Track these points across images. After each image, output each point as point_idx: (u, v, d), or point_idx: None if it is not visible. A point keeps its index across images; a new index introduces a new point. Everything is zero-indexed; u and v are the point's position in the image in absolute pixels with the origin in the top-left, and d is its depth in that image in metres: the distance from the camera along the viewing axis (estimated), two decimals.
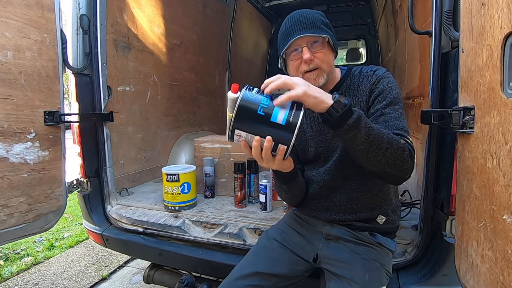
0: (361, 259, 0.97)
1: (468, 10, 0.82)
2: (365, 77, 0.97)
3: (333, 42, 0.94)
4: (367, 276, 0.92)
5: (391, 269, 1.02)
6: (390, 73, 0.97)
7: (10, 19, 1.22)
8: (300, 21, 0.92)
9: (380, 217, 1.01)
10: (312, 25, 0.91)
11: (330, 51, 0.95)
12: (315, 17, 0.93)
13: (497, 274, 0.68)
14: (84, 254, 2.71)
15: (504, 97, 0.66)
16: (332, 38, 0.94)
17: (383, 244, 1.00)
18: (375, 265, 0.96)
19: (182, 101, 2.58)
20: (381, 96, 0.92)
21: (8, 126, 1.24)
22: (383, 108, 0.90)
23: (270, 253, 1.06)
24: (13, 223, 1.28)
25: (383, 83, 0.93)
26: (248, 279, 0.99)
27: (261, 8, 3.80)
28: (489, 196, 0.72)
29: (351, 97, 0.98)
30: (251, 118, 0.72)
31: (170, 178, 1.59)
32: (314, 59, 0.91)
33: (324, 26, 0.93)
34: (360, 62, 4.28)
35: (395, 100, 0.91)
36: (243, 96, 0.73)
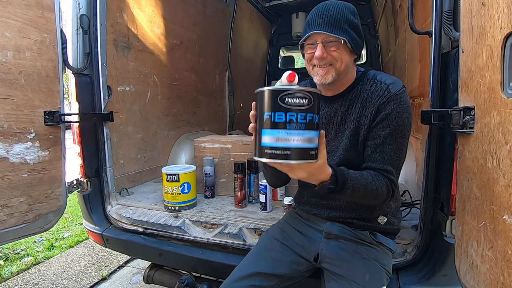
0: (361, 258, 0.97)
1: (468, 10, 0.82)
2: (377, 89, 0.92)
3: (353, 44, 0.89)
4: (367, 276, 0.92)
5: (391, 269, 1.02)
6: (405, 90, 0.91)
7: (10, 19, 1.22)
8: (322, 15, 0.87)
9: (382, 217, 1.01)
10: (333, 22, 0.86)
11: (347, 52, 0.90)
12: (340, 13, 0.87)
13: (497, 274, 0.68)
14: (84, 254, 2.71)
15: (504, 97, 0.66)
16: (353, 40, 0.88)
17: (383, 243, 1.00)
18: (375, 265, 0.96)
19: (182, 101, 2.58)
20: (386, 121, 0.89)
21: (8, 126, 1.24)
22: (385, 137, 0.89)
23: (271, 253, 1.06)
24: (13, 223, 1.28)
25: (393, 105, 0.88)
26: (249, 279, 0.99)
27: (261, 8, 3.80)
28: (489, 196, 0.72)
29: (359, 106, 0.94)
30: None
31: (170, 178, 1.59)
32: (327, 56, 0.89)
33: (347, 26, 0.87)
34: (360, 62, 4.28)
35: (399, 128, 0.89)
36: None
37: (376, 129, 0.91)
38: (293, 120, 0.66)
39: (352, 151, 0.96)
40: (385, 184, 0.87)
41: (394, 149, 0.89)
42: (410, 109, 0.90)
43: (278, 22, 4.32)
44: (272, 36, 4.37)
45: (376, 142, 0.90)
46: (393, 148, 0.89)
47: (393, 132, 0.88)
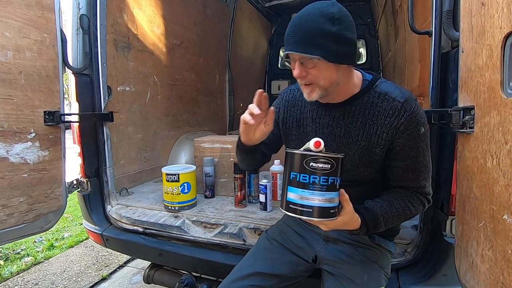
0: (360, 260, 0.97)
1: (468, 10, 0.82)
2: (390, 107, 0.83)
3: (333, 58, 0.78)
4: (366, 277, 0.92)
5: (390, 271, 1.02)
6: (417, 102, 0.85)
7: (10, 19, 1.22)
8: (295, 31, 0.79)
9: None
10: (305, 40, 0.77)
11: (329, 67, 0.79)
12: (314, 27, 0.76)
13: (497, 274, 0.68)
14: (84, 254, 2.71)
15: (504, 97, 0.66)
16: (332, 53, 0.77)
17: (382, 245, 1.00)
18: (374, 266, 0.96)
19: (182, 101, 2.58)
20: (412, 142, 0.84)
21: (8, 126, 1.24)
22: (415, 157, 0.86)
23: (270, 254, 1.06)
24: (13, 223, 1.28)
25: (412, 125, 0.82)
26: (248, 279, 0.99)
27: (261, 8, 3.80)
28: (489, 196, 0.72)
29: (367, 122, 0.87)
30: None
31: (170, 178, 1.59)
32: (306, 75, 0.81)
33: (322, 40, 0.76)
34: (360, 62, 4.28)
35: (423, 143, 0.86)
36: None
37: (403, 152, 0.86)
38: (316, 182, 0.73)
39: (363, 168, 0.91)
40: (418, 202, 0.89)
41: (425, 163, 0.88)
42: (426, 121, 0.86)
43: (278, 22, 4.32)
44: (272, 36, 4.37)
45: (407, 163, 0.87)
46: (424, 163, 0.87)
47: (420, 151, 0.86)
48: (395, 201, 0.87)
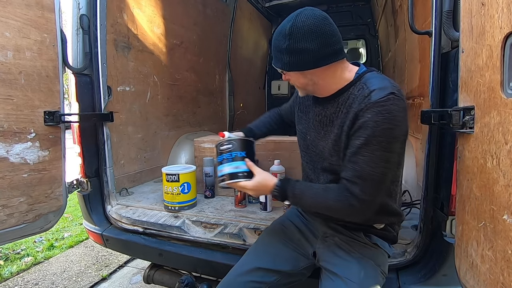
0: (356, 257, 0.97)
1: (468, 10, 0.82)
2: (361, 95, 0.86)
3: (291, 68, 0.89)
4: (362, 273, 0.93)
5: (387, 270, 1.02)
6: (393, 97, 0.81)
7: (10, 19, 1.22)
8: (272, 48, 0.96)
9: (378, 224, 1.01)
10: (275, 55, 0.93)
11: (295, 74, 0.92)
12: (277, 44, 0.91)
13: (497, 274, 0.68)
14: (84, 254, 2.71)
15: (504, 97, 0.66)
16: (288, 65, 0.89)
17: (378, 244, 1.00)
18: (370, 263, 0.96)
19: (182, 101, 2.58)
20: (362, 130, 0.83)
21: (8, 126, 1.24)
22: (359, 147, 0.83)
23: (271, 249, 1.07)
24: (13, 223, 1.28)
25: (371, 114, 0.81)
26: (250, 275, 1.00)
27: (261, 8, 3.80)
28: (489, 196, 0.72)
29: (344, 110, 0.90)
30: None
31: (170, 178, 1.59)
32: (289, 79, 0.97)
33: (281, 55, 0.89)
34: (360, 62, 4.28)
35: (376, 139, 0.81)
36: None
37: (353, 138, 0.86)
38: (225, 158, 1.07)
39: (335, 157, 0.94)
40: (340, 196, 0.86)
41: (367, 161, 0.82)
42: (396, 119, 0.80)
43: (278, 22, 4.31)
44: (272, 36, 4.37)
45: (350, 151, 0.86)
46: (366, 160, 0.82)
47: (368, 143, 0.81)
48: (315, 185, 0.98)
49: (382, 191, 0.88)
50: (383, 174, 0.83)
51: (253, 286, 0.99)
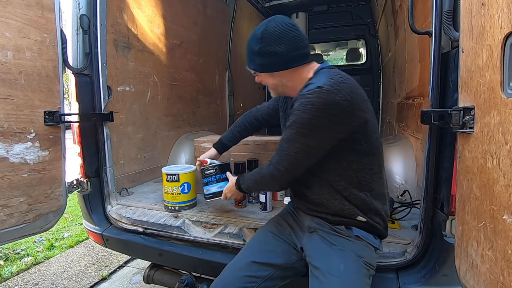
0: (337, 250, 0.98)
1: (468, 10, 0.82)
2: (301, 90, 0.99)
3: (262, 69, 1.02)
4: (341, 266, 0.94)
5: (375, 262, 1.01)
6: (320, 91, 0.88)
7: (10, 19, 1.22)
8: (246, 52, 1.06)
9: (360, 218, 1.01)
10: (249, 58, 1.05)
11: (266, 76, 1.04)
12: (248, 49, 1.03)
13: (497, 274, 0.68)
14: (84, 254, 2.71)
15: (504, 97, 0.66)
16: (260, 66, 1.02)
17: (360, 236, 1.00)
18: (351, 256, 0.97)
19: (182, 101, 2.58)
20: (290, 116, 0.96)
21: (8, 126, 1.24)
22: (285, 129, 0.98)
23: (265, 245, 1.10)
24: (13, 223, 1.28)
25: (297, 104, 0.93)
26: (244, 269, 1.03)
27: (261, 8, 3.80)
28: (489, 196, 0.72)
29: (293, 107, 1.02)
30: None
31: (170, 178, 1.59)
32: (260, 80, 1.09)
33: (253, 57, 1.02)
34: (360, 62, 4.28)
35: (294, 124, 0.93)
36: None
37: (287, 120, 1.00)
38: (210, 180, 1.45)
39: None
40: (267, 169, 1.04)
41: (286, 139, 0.96)
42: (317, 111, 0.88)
43: None
44: None
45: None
46: (285, 139, 0.97)
47: (290, 126, 0.94)
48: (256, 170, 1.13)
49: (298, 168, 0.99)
50: (297, 153, 0.95)
51: (248, 281, 1.02)
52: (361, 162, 0.98)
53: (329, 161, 0.98)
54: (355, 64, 4.27)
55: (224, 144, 1.51)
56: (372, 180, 1.01)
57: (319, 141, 0.93)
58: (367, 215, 1.01)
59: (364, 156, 0.98)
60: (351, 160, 0.97)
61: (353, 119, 0.92)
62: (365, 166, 0.99)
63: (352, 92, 0.91)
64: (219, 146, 1.51)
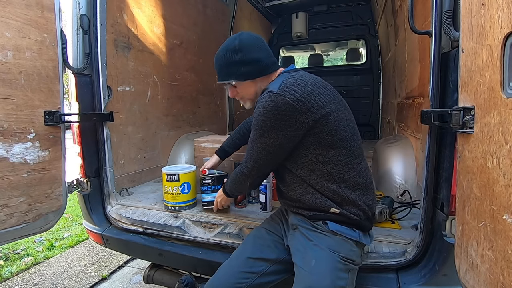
0: (312, 245, 0.99)
1: (468, 10, 0.82)
2: None
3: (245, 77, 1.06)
4: (313, 261, 0.95)
5: (357, 258, 1.00)
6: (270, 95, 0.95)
7: (10, 19, 1.22)
8: (216, 67, 1.11)
9: (333, 209, 1.00)
10: (220, 72, 1.10)
11: (246, 84, 1.09)
12: (223, 60, 1.07)
13: (497, 274, 0.68)
14: (84, 254, 2.71)
15: (504, 97, 0.66)
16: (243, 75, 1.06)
17: (335, 231, 1.00)
18: (325, 250, 0.97)
19: (182, 101, 2.58)
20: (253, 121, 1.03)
21: (8, 126, 1.24)
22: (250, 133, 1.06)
23: (258, 240, 1.15)
24: (13, 223, 1.28)
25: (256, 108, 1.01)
26: (239, 265, 1.06)
27: (261, 8, 3.80)
28: (489, 196, 0.72)
29: None
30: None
31: (170, 178, 1.59)
32: (236, 94, 1.13)
33: (230, 68, 1.06)
34: (360, 62, 4.28)
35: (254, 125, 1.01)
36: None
37: None
38: (206, 189, 1.56)
39: None
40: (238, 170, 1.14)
41: (249, 140, 1.06)
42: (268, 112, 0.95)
43: (278, 22, 4.32)
44: (272, 36, 4.37)
45: None
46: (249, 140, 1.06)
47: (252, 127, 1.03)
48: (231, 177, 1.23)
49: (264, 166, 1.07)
50: (258, 152, 1.03)
51: (243, 277, 1.04)
52: (327, 155, 0.99)
53: (298, 157, 1.02)
54: (355, 64, 4.27)
55: (226, 151, 1.59)
56: (344, 171, 1.00)
57: (276, 139, 0.98)
58: (342, 207, 1.00)
59: (330, 149, 0.99)
60: (317, 153, 0.99)
61: (309, 116, 0.95)
62: (333, 158, 0.99)
63: (306, 91, 0.96)
64: (221, 152, 1.59)
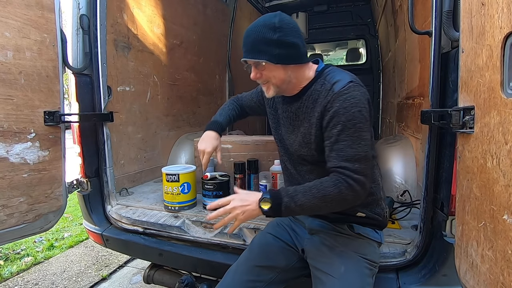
0: (339, 251, 0.98)
1: (468, 10, 0.82)
2: (324, 89, 0.95)
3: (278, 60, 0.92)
4: (342, 268, 0.93)
5: (378, 259, 1.02)
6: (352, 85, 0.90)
7: (10, 19, 1.22)
8: (245, 41, 0.97)
9: (360, 213, 1.01)
10: (252, 48, 0.95)
11: (277, 68, 0.95)
12: (258, 36, 0.93)
13: (497, 274, 0.68)
14: (84, 254, 2.71)
15: (504, 97, 0.66)
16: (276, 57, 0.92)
17: (361, 233, 1.01)
18: (353, 256, 0.97)
19: (182, 101, 2.58)
20: (335, 119, 0.90)
21: (8, 126, 1.24)
22: (338, 134, 0.90)
23: (265, 247, 1.10)
24: (13, 223, 1.28)
25: (338, 103, 0.89)
26: (247, 274, 1.02)
27: (261, 8, 3.80)
28: (489, 196, 0.72)
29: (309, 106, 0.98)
30: None
31: (170, 178, 1.59)
32: (260, 76, 0.99)
33: (265, 47, 0.92)
34: (360, 62, 4.28)
35: (350, 123, 0.88)
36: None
37: (328, 129, 0.92)
38: (207, 194, 1.57)
39: (305, 148, 1.01)
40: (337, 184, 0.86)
41: (350, 144, 0.88)
42: (360, 102, 0.89)
43: None
44: None
45: (331, 140, 0.92)
46: (348, 144, 0.88)
47: (344, 128, 0.88)
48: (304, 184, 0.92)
49: (370, 167, 0.92)
50: (365, 152, 0.89)
51: (251, 286, 1.01)
52: None
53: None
54: (355, 64, 4.27)
55: (223, 127, 1.39)
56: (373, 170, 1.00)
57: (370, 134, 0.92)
58: (369, 208, 1.01)
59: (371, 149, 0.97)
60: None
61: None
62: None
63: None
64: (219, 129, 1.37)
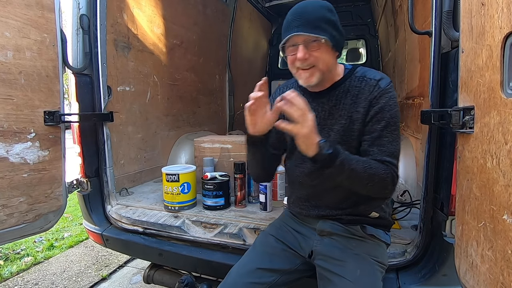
0: (353, 254, 0.97)
1: (468, 10, 0.82)
2: (367, 85, 0.94)
3: (334, 43, 0.89)
4: (358, 272, 0.93)
5: (387, 260, 1.02)
6: (392, 85, 0.96)
7: (10, 19, 1.22)
8: (300, 16, 0.88)
9: (374, 213, 1.01)
10: (311, 23, 0.86)
11: (328, 52, 0.90)
12: (317, 13, 0.88)
13: (497, 274, 0.68)
14: (84, 254, 2.71)
15: (504, 97, 0.66)
16: (334, 38, 0.89)
17: (375, 235, 1.01)
18: (367, 259, 0.96)
19: (182, 101, 2.58)
20: (380, 114, 0.91)
21: (8, 126, 1.24)
22: (381, 130, 0.91)
23: (267, 249, 1.08)
24: (13, 223, 1.28)
25: (385, 99, 0.91)
26: (249, 276, 1.00)
27: (261, 8, 3.80)
28: (489, 196, 0.72)
29: (348, 101, 0.96)
30: None
31: (170, 178, 1.59)
32: (309, 57, 0.89)
33: (326, 25, 0.88)
34: (360, 62, 4.28)
35: (393, 120, 0.91)
36: None
37: (371, 123, 0.92)
38: (207, 194, 1.60)
39: (345, 146, 0.93)
40: (386, 170, 0.88)
41: (391, 141, 0.91)
42: (397, 102, 0.94)
43: (278, 22, 4.32)
44: (272, 36, 4.37)
45: (372, 135, 0.92)
46: (389, 140, 0.91)
47: (388, 125, 0.91)
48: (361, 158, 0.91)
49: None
50: (400, 150, 0.93)
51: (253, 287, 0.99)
52: None
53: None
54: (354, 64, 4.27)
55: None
56: None
57: None
58: (381, 208, 1.02)
59: None
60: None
61: None
62: None
63: None
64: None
